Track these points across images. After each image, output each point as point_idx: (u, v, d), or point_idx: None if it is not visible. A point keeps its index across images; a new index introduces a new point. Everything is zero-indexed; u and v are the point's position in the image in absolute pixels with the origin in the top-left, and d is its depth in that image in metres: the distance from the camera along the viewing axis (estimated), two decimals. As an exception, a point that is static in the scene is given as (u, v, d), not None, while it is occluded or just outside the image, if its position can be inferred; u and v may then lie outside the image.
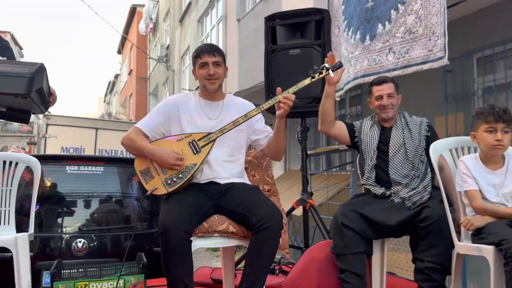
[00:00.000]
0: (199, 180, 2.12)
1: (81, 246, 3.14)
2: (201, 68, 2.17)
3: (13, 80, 1.27)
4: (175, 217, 1.87)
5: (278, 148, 2.22)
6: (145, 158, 2.09)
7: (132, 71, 23.10)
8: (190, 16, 12.92)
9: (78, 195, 3.54)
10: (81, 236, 3.20)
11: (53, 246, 3.18)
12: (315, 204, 3.19)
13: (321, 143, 6.47)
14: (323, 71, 2.18)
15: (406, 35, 2.89)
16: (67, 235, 3.25)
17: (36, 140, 11.09)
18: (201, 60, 2.16)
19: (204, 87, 2.20)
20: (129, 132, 2.15)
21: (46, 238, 3.19)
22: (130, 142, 2.11)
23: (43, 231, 3.24)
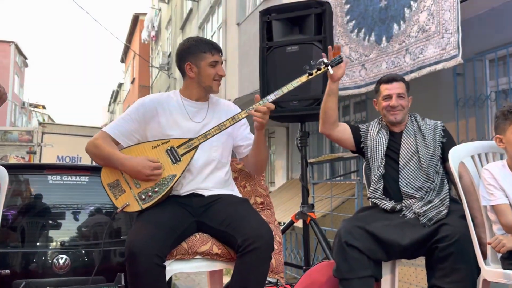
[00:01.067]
0: (180, 192, 1.84)
1: (62, 263, 2.91)
2: (210, 66, 1.90)
3: None
4: (145, 239, 1.57)
5: (257, 162, 1.96)
6: (114, 168, 1.79)
7: (134, 80, 23.07)
8: (191, 23, 12.84)
9: (60, 207, 3.31)
10: (63, 252, 2.97)
11: (33, 263, 2.94)
12: (316, 217, 2.91)
13: (325, 150, 6.23)
14: (321, 66, 1.91)
15: (420, 34, 2.67)
16: (49, 250, 3.02)
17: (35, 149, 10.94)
18: (213, 58, 1.91)
19: (209, 88, 1.93)
20: (95, 137, 1.84)
21: (25, 254, 2.96)
22: (95, 149, 1.80)
23: (23, 246, 3.01)
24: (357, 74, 3.21)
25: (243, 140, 2.00)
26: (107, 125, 1.93)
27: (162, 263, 1.59)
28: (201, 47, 1.92)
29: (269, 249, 1.66)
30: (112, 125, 1.89)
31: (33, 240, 3.11)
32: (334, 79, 2.07)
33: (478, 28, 3.55)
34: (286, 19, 2.81)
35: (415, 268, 3.32)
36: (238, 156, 2.04)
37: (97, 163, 1.85)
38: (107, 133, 1.84)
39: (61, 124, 8.65)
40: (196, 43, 1.94)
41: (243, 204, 1.86)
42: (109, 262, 3.12)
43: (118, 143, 1.85)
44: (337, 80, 2.08)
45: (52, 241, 3.16)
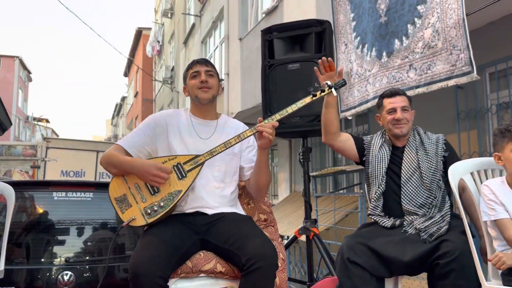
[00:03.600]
0: (183, 209, 1.86)
1: (67, 279, 2.90)
2: (192, 79, 1.98)
3: None
4: (149, 259, 1.59)
5: (258, 184, 1.97)
6: (122, 183, 1.84)
7: (138, 93, 23.22)
8: (194, 37, 12.96)
9: (65, 224, 3.32)
10: (68, 268, 2.97)
11: (38, 279, 2.94)
12: (320, 231, 2.92)
13: (327, 163, 6.24)
14: (325, 89, 1.96)
15: (426, 50, 2.70)
16: (53, 267, 3.02)
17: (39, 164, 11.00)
18: (193, 70, 1.98)
19: (196, 99, 1.98)
20: (109, 150, 1.92)
21: (30, 271, 2.96)
22: (108, 159, 1.88)
23: (28, 262, 3.02)
24: (364, 89, 3.25)
25: (246, 162, 2.02)
26: (121, 138, 2.01)
27: (165, 284, 1.61)
28: (186, 68, 2.04)
29: (273, 268, 1.67)
30: (125, 138, 1.97)
31: (38, 257, 3.12)
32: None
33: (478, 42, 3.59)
34: (287, 37, 2.86)
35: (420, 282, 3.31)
36: (241, 178, 2.06)
37: (110, 172, 1.91)
38: (119, 145, 1.92)
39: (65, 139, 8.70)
40: (186, 67, 2.06)
41: (247, 222, 1.88)
42: (113, 278, 3.13)
43: (129, 155, 1.91)
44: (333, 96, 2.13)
45: (57, 257, 3.16)
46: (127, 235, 3.54)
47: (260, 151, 1.90)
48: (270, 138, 1.83)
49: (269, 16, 6.63)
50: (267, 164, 1.94)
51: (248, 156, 2.03)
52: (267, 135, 1.81)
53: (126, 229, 3.59)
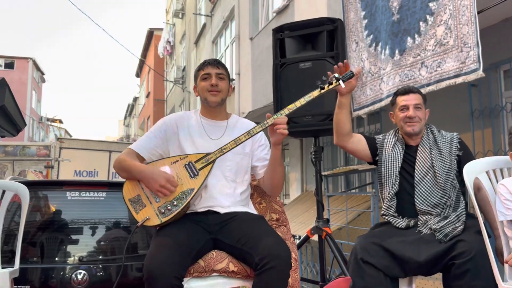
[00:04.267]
0: (196, 208, 1.87)
1: (81, 278, 2.92)
2: (203, 80, 1.98)
3: (-38, 98, 1.06)
4: (164, 260, 1.60)
5: (272, 182, 1.97)
6: (135, 184, 1.86)
7: (149, 94, 23.37)
8: (205, 37, 13.00)
9: (79, 223, 3.35)
10: (82, 267, 2.99)
11: (53, 278, 2.97)
12: (332, 230, 2.90)
13: (339, 163, 6.20)
14: (333, 81, 1.93)
15: (437, 48, 2.66)
16: (67, 266, 3.05)
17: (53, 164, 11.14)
18: (204, 72, 1.98)
19: (206, 101, 1.99)
20: (121, 154, 1.95)
21: (45, 270, 2.99)
22: (119, 163, 1.90)
23: (42, 261, 3.05)
24: (378, 87, 3.22)
25: (259, 160, 2.02)
26: (134, 143, 2.03)
27: (180, 283, 1.61)
28: (197, 68, 2.04)
29: (287, 267, 1.67)
30: (137, 142, 2.00)
31: (52, 256, 3.15)
32: (342, 93, 2.09)
33: (492, 39, 3.54)
34: (299, 36, 2.85)
35: (433, 282, 3.27)
36: (256, 177, 2.07)
37: (122, 176, 1.93)
38: (132, 149, 1.95)
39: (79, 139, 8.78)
40: (197, 67, 2.06)
41: (259, 221, 1.88)
42: (127, 277, 3.15)
43: (144, 159, 1.94)
44: (346, 94, 2.10)
45: (70, 257, 3.19)
46: (139, 235, 3.56)
47: (273, 147, 1.90)
48: (283, 133, 1.82)
49: (280, 15, 6.62)
50: (281, 160, 1.94)
51: (261, 155, 2.03)
52: (281, 130, 1.80)
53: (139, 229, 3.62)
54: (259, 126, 1.90)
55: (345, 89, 2.04)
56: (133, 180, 1.88)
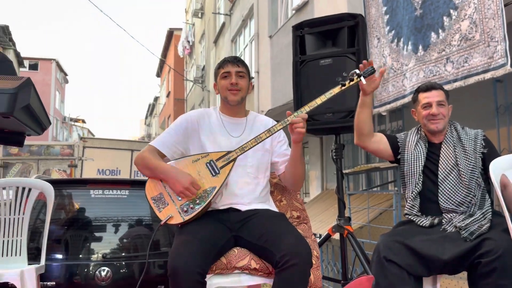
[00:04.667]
0: (218, 206, 1.88)
1: (104, 275, 2.97)
2: (223, 79, 1.98)
3: (-8, 97, 1.08)
4: (187, 256, 1.61)
5: (294, 177, 1.96)
6: (158, 182, 1.87)
7: (170, 93, 23.59)
8: (224, 36, 13.04)
9: (103, 220, 3.41)
10: (105, 264, 3.04)
11: (77, 275, 3.03)
12: (353, 230, 2.87)
13: (360, 160, 6.14)
14: (354, 77, 1.91)
15: (463, 43, 2.61)
16: (91, 263, 3.10)
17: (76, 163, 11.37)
18: (224, 70, 1.98)
19: (226, 99, 1.99)
20: (143, 151, 1.95)
21: (69, 266, 3.05)
22: (142, 161, 1.91)
23: (67, 258, 3.11)
24: (400, 84, 3.18)
25: (279, 156, 2.01)
26: (154, 139, 2.03)
27: (203, 280, 1.62)
28: (218, 65, 2.04)
29: (308, 265, 1.66)
30: (158, 139, 2.00)
31: (76, 253, 3.22)
32: (366, 92, 2.06)
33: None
34: (319, 32, 2.82)
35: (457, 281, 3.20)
36: (276, 172, 2.06)
37: (144, 174, 1.94)
38: (153, 146, 1.94)
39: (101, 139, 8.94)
40: (217, 64, 2.06)
41: (280, 219, 1.87)
42: (149, 274, 3.19)
43: (164, 156, 1.94)
44: (368, 93, 2.07)
45: (94, 254, 3.25)
46: (161, 232, 3.60)
47: (293, 145, 1.89)
48: (300, 131, 1.81)
49: (299, 12, 6.58)
50: (302, 157, 1.93)
51: (280, 151, 2.02)
52: (298, 129, 1.80)
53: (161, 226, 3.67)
54: (279, 124, 1.89)
55: (369, 88, 2.01)
56: (155, 178, 1.89)
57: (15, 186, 2.31)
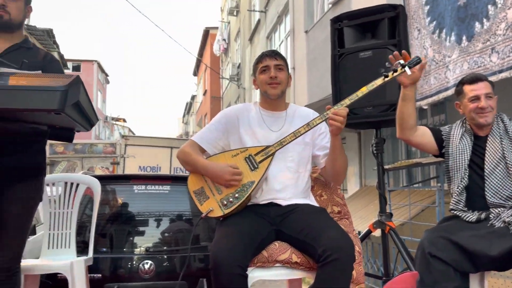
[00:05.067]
0: (258, 200, 1.89)
1: (148, 268, 3.05)
2: (262, 73, 1.98)
3: (44, 94, 1.14)
4: (229, 249, 1.63)
5: (335, 170, 1.93)
6: (199, 176, 1.91)
7: (206, 92, 23.89)
8: (259, 33, 13.06)
9: (145, 215, 3.51)
10: (148, 257, 3.13)
11: (121, 268, 3.13)
12: (395, 227, 2.81)
13: (401, 156, 5.99)
14: (398, 68, 1.85)
15: (509, 32, 2.50)
16: (135, 256, 3.20)
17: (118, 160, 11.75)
18: (262, 64, 1.97)
19: (265, 94, 1.99)
20: (184, 146, 1.99)
21: (114, 259, 3.15)
22: (184, 156, 1.95)
23: (112, 252, 3.22)
24: (443, 76, 3.07)
25: (320, 149, 1.99)
26: (195, 134, 2.06)
27: (245, 272, 1.63)
28: (256, 60, 2.04)
29: (351, 260, 1.64)
30: (198, 134, 2.03)
31: (120, 246, 3.33)
32: (405, 85, 2.00)
33: None
34: (358, 25, 2.77)
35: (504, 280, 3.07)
36: (316, 166, 2.04)
37: (186, 169, 1.99)
38: (194, 141, 1.98)
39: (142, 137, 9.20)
40: (255, 59, 2.05)
41: (321, 213, 1.86)
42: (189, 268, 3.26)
43: (205, 151, 1.97)
44: (409, 85, 2.00)
45: (137, 247, 3.35)
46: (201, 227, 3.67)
47: (332, 137, 1.86)
48: (339, 126, 1.78)
49: (336, 6, 6.49)
50: (342, 148, 1.90)
51: (322, 144, 2.00)
52: (335, 123, 1.77)
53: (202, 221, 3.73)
54: (318, 117, 1.88)
55: (407, 81, 1.96)
56: (196, 173, 1.92)
57: (63, 182, 2.41)
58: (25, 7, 1.91)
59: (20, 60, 1.63)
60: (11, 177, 1.77)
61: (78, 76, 1.26)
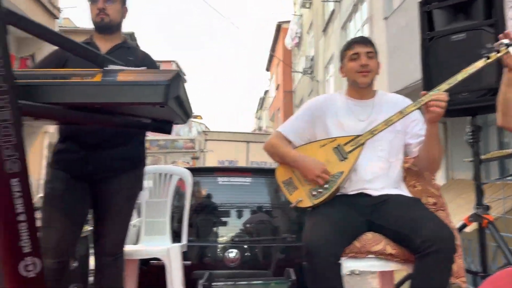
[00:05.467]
0: (347, 191, 1.85)
1: (233, 257, 3.15)
2: (351, 61, 1.92)
3: (149, 89, 1.22)
4: (322, 237, 1.62)
5: (430, 159, 1.83)
6: (287, 167, 1.91)
7: (279, 86, 23.98)
8: (333, 24, 12.83)
9: (229, 206, 3.63)
10: (233, 246, 3.23)
11: (208, 256, 3.27)
12: (493, 220, 2.61)
13: (492, 146, 5.56)
14: (501, 48, 1.71)
15: None
16: (220, 245, 3.31)
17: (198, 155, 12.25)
18: (352, 52, 1.91)
19: (355, 83, 1.93)
20: (271, 137, 2.00)
21: (201, 248, 3.29)
22: (272, 148, 1.96)
23: (198, 240, 3.36)
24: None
25: (413, 137, 1.91)
26: (281, 125, 2.06)
27: (338, 261, 1.62)
28: (345, 47, 1.97)
29: (452, 251, 1.57)
30: (285, 125, 2.02)
31: (206, 235, 3.47)
32: (511, 66, 1.83)
33: None
34: (449, 6, 2.59)
35: None
36: (409, 155, 1.96)
37: (274, 160, 2.00)
38: (280, 133, 1.98)
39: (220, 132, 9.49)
40: (343, 46, 2.00)
41: (417, 204, 1.79)
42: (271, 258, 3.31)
43: (291, 142, 1.96)
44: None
45: (222, 237, 3.48)
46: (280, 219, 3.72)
47: (430, 125, 1.77)
48: (440, 113, 1.69)
49: (418, -11, 6.16)
50: (438, 137, 1.80)
51: (414, 131, 1.91)
52: (437, 109, 1.68)
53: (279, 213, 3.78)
54: (412, 105, 1.79)
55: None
56: (285, 164, 1.93)
57: (158, 173, 2.56)
58: (122, 8, 2.05)
59: (124, 59, 1.75)
60: (116, 168, 1.92)
61: (178, 71, 1.32)
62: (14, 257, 1.10)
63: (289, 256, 3.20)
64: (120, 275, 1.98)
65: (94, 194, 1.95)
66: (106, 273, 1.93)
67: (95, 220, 2.00)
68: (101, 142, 1.90)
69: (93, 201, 1.97)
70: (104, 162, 1.92)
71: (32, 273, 1.12)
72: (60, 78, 1.24)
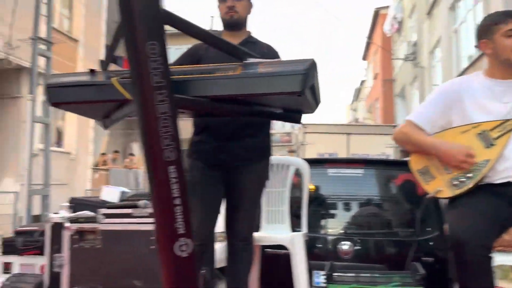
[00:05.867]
0: (493, 179, 1.71)
1: (347, 249, 3.11)
2: (507, 38, 1.72)
3: (287, 78, 1.24)
4: (470, 228, 1.53)
5: None
6: (421, 155, 1.82)
7: (377, 75, 23.08)
8: (439, 5, 11.97)
9: (339, 198, 3.58)
10: (346, 238, 3.19)
11: (320, 247, 3.27)
12: None
13: None
14: None
15: None
16: (333, 237, 3.30)
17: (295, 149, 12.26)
18: (508, 27, 1.72)
19: (508, 61, 1.74)
20: (402, 126, 1.93)
21: (313, 239, 3.30)
22: (404, 136, 1.89)
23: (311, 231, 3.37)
24: None
25: None
26: (411, 113, 1.98)
27: (489, 254, 1.52)
28: (493, 19, 1.78)
29: None
30: (415, 113, 1.95)
31: (318, 226, 3.47)
32: None
33: None
34: None
35: None
36: None
37: (407, 149, 1.94)
38: (411, 121, 1.89)
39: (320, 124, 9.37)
40: (489, 17, 1.83)
41: None
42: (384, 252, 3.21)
43: (423, 130, 1.86)
44: None
45: (334, 228, 3.45)
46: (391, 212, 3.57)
47: None
48: None
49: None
50: None
51: None
52: None
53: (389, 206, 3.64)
54: None
55: None
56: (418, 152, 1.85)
57: (275, 163, 2.62)
58: (248, 4, 2.12)
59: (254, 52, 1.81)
60: (247, 157, 2.01)
61: (314, 59, 1.33)
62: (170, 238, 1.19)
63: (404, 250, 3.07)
64: (251, 259, 2.07)
65: (227, 183, 2.06)
66: (239, 257, 2.04)
67: (228, 207, 2.11)
68: (233, 133, 2.00)
69: (226, 189, 2.07)
70: (235, 151, 2.01)
71: (185, 253, 1.20)
72: (206, 73, 1.32)
